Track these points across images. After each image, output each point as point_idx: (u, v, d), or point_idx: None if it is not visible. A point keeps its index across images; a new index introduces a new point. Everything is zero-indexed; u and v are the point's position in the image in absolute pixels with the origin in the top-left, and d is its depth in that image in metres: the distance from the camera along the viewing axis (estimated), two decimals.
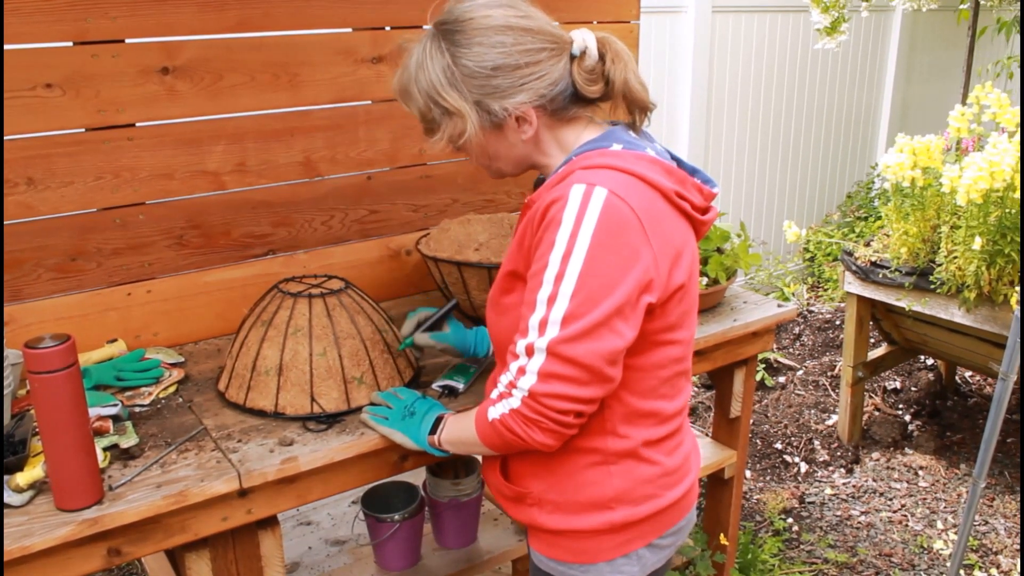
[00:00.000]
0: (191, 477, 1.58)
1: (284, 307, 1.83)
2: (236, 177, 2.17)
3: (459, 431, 1.54)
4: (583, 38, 1.44)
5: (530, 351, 1.33)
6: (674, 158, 1.53)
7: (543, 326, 1.31)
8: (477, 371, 1.94)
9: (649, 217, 1.34)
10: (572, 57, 1.44)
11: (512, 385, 1.36)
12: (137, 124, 2.01)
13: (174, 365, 2.03)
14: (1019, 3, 3.34)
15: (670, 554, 1.61)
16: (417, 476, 2.22)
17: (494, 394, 1.42)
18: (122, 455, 1.65)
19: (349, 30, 2.24)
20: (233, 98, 2.11)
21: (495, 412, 1.40)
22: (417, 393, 1.73)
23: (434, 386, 1.88)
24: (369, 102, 2.31)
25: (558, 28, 1.46)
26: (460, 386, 1.86)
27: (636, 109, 1.48)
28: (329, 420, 1.76)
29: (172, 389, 1.93)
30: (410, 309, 2.34)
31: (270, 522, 1.73)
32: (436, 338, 1.86)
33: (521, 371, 1.34)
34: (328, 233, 2.32)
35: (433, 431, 1.59)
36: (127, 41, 1.95)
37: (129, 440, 1.68)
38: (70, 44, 1.89)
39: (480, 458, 2.26)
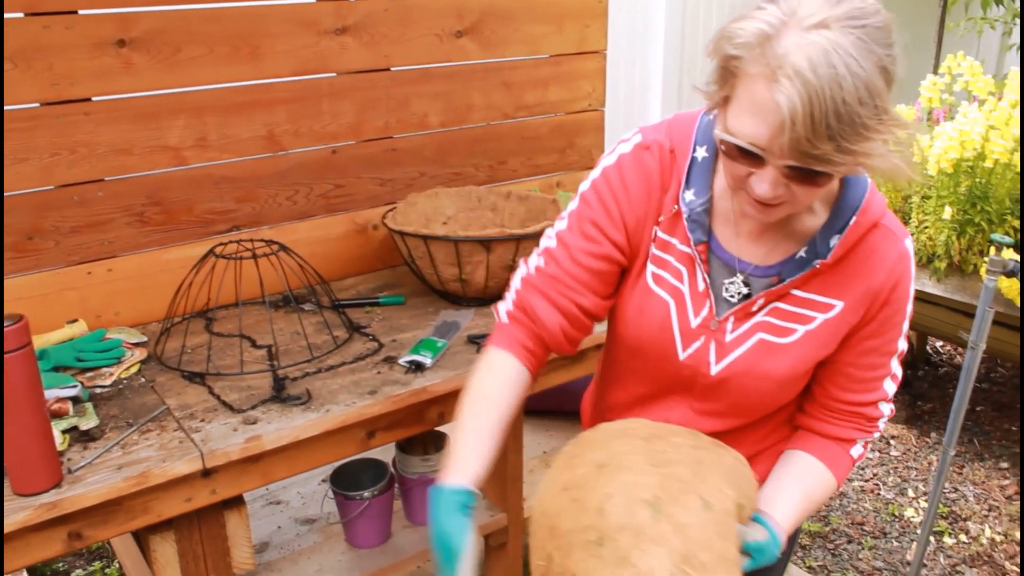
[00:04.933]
0: (153, 458, 1.56)
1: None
2: (197, 152, 2.12)
3: (812, 504, 1.43)
4: None
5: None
6: None
7: (894, 379, 1.41)
8: (445, 346, 1.91)
9: None
10: None
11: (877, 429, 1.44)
12: (93, 98, 1.95)
13: (136, 344, 1.99)
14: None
15: None
16: (387, 453, 2.20)
17: (854, 437, 1.43)
18: (82, 437, 1.62)
19: (311, 0, 2.19)
20: (192, 71, 2.06)
21: (859, 452, 1.45)
22: None
23: (401, 361, 1.85)
24: (333, 74, 2.26)
25: None
26: (428, 361, 1.84)
27: None
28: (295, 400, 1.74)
29: (135, 369, 1.89)
30: (376, 286, 2.31)
31: (236, 502, 1.70)
32: None
33: (887, 415, 1.43)
34: (293, 208, 2.28)
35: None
36: (80, 12, 1.89)
37: (89, 422, 1.65)
38: (21, 15, 1.83)
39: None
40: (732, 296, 1.33)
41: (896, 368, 1.38)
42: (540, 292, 1.40)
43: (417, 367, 1.83)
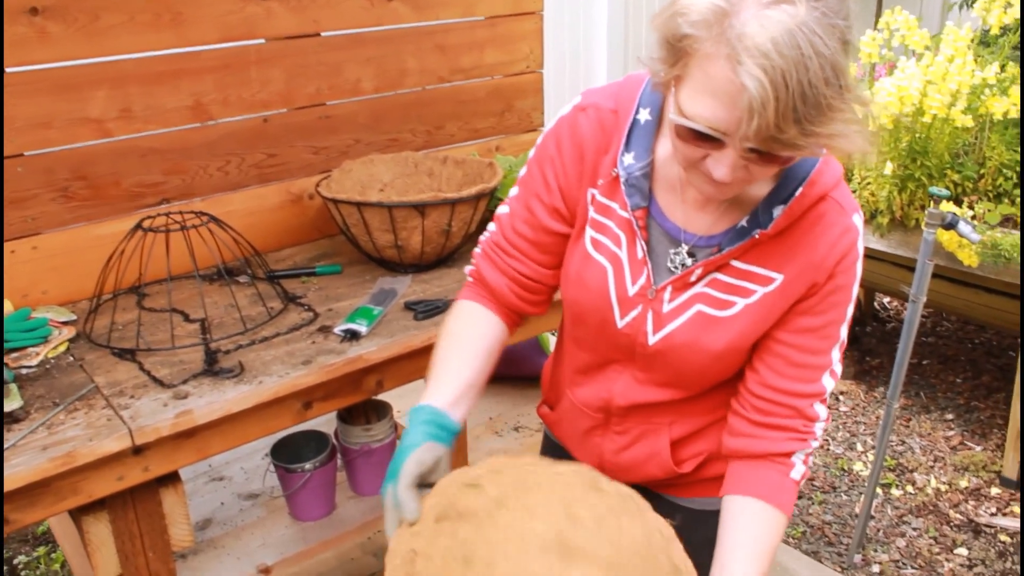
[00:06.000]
0: (79, 437, 1.52)
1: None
2: (121, 124, 2.05)
3: (769, 554, 1.29)
4: None
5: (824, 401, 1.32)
6: None
7: (833, 375, 1.31)
8: (382, 313, 1.89)
9: None
10: None
11: (814, 436, 1.32)
12: (7, 70, 1.89)
13: (65, 323, 1.93)
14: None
15: None
16: (331, 425, 2.17)
17: (792, 450, 1.30)
18: (5, 419, 1.57)
19: None
20: (112, 39, 1.99)
21: (800, 472, 1.32)
22: None
23: (336, 330, 1.82)
24: (261, 40, 2.20)
25: None
26: (363, 329, 1.81)
27: None
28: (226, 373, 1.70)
29: (63, 348, 1.84)
30: (312, 256, 2.28)
31: (171, 478, 1.67)
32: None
33: (824, 420, 1.33)
34: (224, 179, 2.22)
35: None
36: None
37: (13, 403, 1.60)
38: None
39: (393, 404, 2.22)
40: (676, 267, 1.28)
41: (837, 363, 1.29)
42: (488, 258, 1.40)
43: (352, 335, 1.81)
